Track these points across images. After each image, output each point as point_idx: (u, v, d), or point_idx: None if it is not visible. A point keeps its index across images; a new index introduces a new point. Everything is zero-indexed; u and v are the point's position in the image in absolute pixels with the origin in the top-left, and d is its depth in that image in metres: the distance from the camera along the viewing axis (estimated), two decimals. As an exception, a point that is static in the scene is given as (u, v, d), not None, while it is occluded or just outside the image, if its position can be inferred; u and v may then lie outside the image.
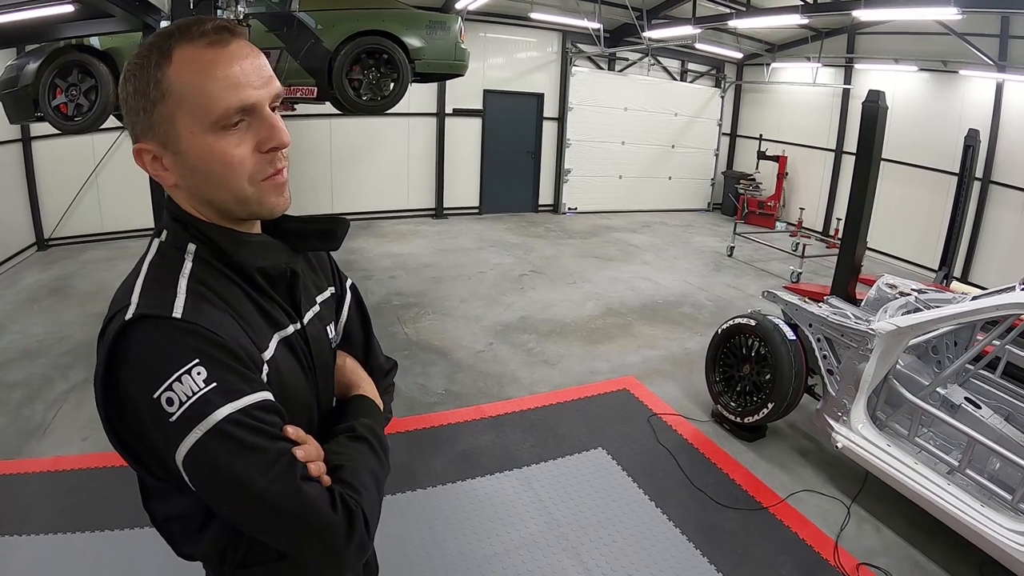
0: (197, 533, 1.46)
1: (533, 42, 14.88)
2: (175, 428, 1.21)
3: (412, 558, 4.08)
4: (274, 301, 1.49)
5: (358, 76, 7.44)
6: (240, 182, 1.35)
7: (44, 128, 8.39)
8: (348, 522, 1.30)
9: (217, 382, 1.23)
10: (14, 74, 6.81)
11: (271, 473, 1.23)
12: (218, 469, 1.22)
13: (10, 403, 6.07)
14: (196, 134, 1.31)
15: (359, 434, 1.52)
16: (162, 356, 1.23)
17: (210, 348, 1.25)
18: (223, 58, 1.31)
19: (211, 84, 1.29)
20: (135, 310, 1.27)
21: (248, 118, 1.34)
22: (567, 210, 15.86)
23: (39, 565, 4.03)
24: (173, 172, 1.37)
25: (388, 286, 9.66)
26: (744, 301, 9.25)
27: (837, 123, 14.44)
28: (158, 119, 1.31)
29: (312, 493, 1.27)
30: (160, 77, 1.29)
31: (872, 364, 4.52)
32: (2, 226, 10.45)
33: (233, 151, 1.33)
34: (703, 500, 4.67)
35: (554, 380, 6.73)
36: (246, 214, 1.43)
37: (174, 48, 1.30)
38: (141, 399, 1.23)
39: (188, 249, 1.40)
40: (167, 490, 1.43)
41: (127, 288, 1.34)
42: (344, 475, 1.38)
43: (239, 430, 1.22)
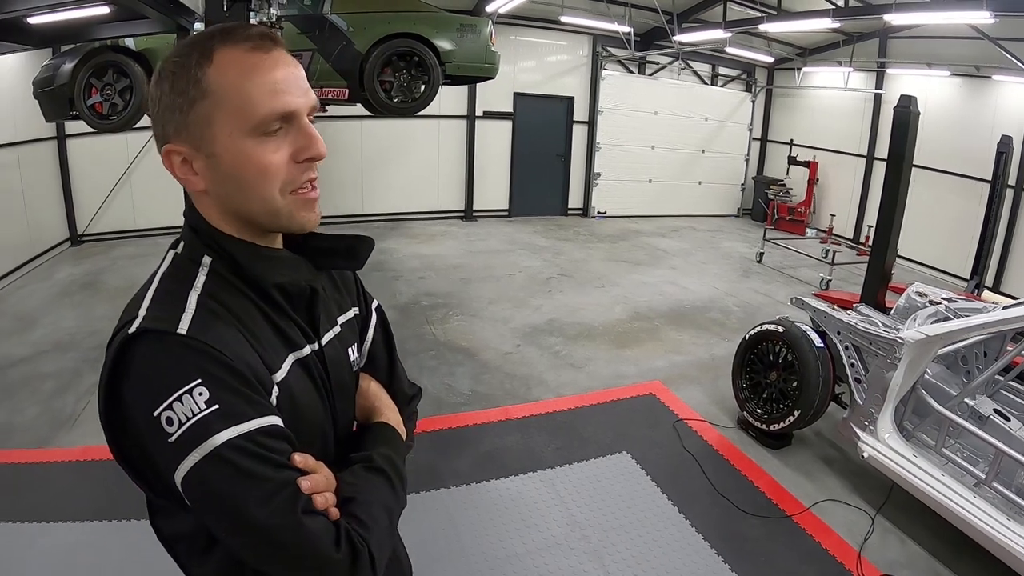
0: (202, 554, 1.41)
1: (563, 45, 14.90)
2: (173, 449, 1.17)
3: (434, 557, 4.11)
4: (291, 320, 1.44)
5: (389, 78, 7.47)
6: (272, 191, 1.32)
7: (78, 127, 8.52)
8: (352, 560, 1.24)
9: (219, 404, 1.18)
10: (50, 73, 6.96)
11: (271, 504, 1.18)
12: (215, 496, 1.18)
13: (42, 393, 6.22)
14: (234, 137, 1.27)
15: (376, 465, 1.45)
16: (163, 373, 1.20)
17: (214, 368, 1.21)
18: (266, 63, 1.29)
19: (253, 88, 1.27)
20: (140, 323, 1.23)
21: (286, 126, 1.31)
22: (596, 214, 15.84)
23: (66, 552, 4.12)
24: (204, 177, 1.33)
25: (417, 287, 9.72)
26: (773, 308, 9.21)
27: (869, 128, 14.28)
28: (194, 119, 1.28)
29: (313, 528, 1.21)
30: (200, 76, 1.27)
31: (900, 373, 4.48)
32: (37, 222, 10.65)
33: (270, 157, 1.29)
34: (727, 507, 4.66)
35: (580, 383, 6.74)
36: (275, 227, 1.40)
37: (216, 49, 1.27)
38: (141, 416, 1.20)
39: (203, 262, 1.36)
40: (172, 508, 1.38)
41: (137, 300, 1.31)
42: (354, 508, 1.32)
43: (239, 456, 1.17)
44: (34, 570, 3.96)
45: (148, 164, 12.16)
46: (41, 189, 11.01)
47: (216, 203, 1.37)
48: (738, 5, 12.47)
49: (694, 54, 15.40)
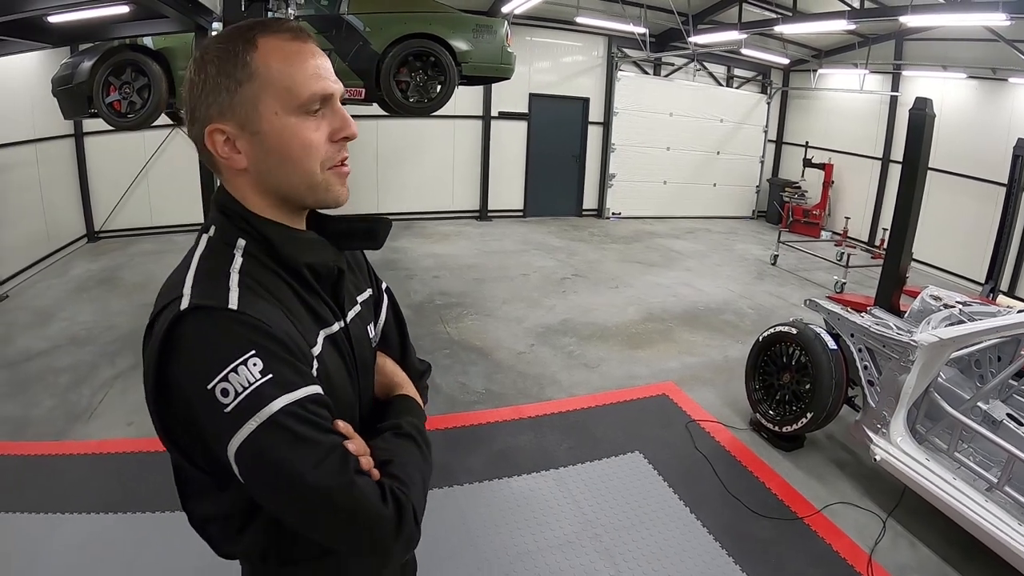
0: (237, 533, 1.48)
1: (579, 46, 14.93)
2: (229, 419, 1.21)
3: (447, 553, 4.15)
4: (320, 298, 1.50)
5: (405, 78, 7.54)
6: (314, 165, 1.41)
7: (96, 124, 8.61)
8: (398, 516, 1.31)
9: (273, 374, 1.23)
10: (69, 72, 7.05)
11: (324, 466, 1.23)
12: (272, 461, 1.22)
13: (58, 387, 6.30)
14: (280, 115, 1.36)
15: (405, 431, 1.53)
16: (218, 347, 1.24)
17: (265, 340, 1.26)
18: (306, 51, 1.39)
19: (297, 71, 1.37)
20: (190, 301, 1.27)
21: (324, 108, 1.41)
22: (611, 215, 15.86)
23: (81, 543, 4.17)
24: (247, 154, 1.40)
25: (431, 286, 9.76)
26: (787, 310, 9.20)
27: (884, 131, 14.23)
28: (240, 100, 1.36)
29: (364, 487, 1.27)
30: (248, 60, 1.35)
31: (913, 376, 4.48)
32: (54, 218, 10.78)
33: (312, 135, 1.39)
34: (738, 508, 4.67)
35: (593, 383, 6.76)
36: (311, 200, 1.47)
37: (258, 36, 1.37)
38: (194, 390, 1.24)
39: (238, 244, 1.41)
40: (207, 488, 1.44)
41: (177, 281, 1.35)
42: (392, 469, 1.38)
43: (293, 422, 1.23)
44: (49, 561, 4.01)
45: (165, 162, 12.31)
46: (59, 186, 11.14)
47: (254, 181, 1.44)
48: (753, 6, 12.47)
49: (709, 55, 15.39)
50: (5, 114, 9.28)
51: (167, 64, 7.12)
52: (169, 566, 3.99)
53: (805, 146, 15.39)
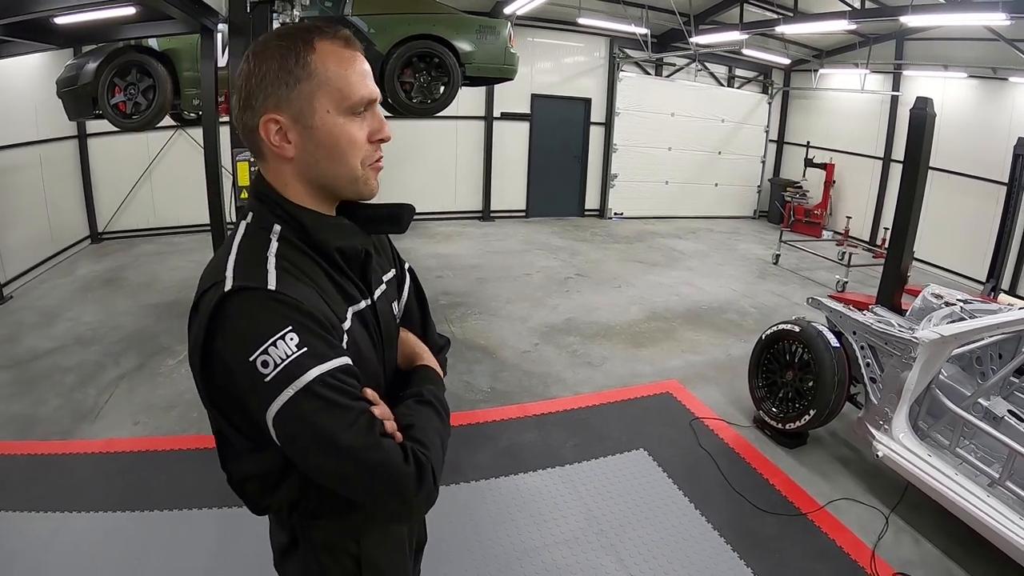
0: (273, 489, 1.63)
1: (581, 47, 14.96)
2: (269, 387, 1.36)
3: (454, 548, 4.18)
4: (349, 278, 1.65)
5: (409, 79, 7.55)
6: (356, 160, 1.57)
7: (100, 126, 8.65)
8: (419, 474, 1.44)
9: (308, 347, 1.37)
10: (74, 73, 7.10)
11: (354, 429, 1.38)
12: (307, 424, 1.36)
13: (63, 386, 6.34)
14: (332, 113, 1.52)
15: (426, 399, 1.68)
16: (259, 323, 1.38)
17: (301, 317, 1.40)
18: (357, 58, 1.56)
19: (352, 76, 1.53)
20: (233, 282, 1.42)
21: (367, 111, 1.57)
22: (613, 215, 15.89)
23: (88, 542, 4.19)
24: (296, 145, 1.54)
25: (435, 286, 9.79)
26: (789, 309, 9.24)
27: (885, 130, 14.26)
28: (298, 95, 1.50)
29: (389, 446, 1.41)
30: (309, 59, 1.50)
31: (915, 373, 4.51)
32: (58, 219, 10.82)
33: (357, 133, 1.56)
34: (742, 504, 4.70)
35: (598, 381, 6.80)
36: (349, 191, 1.64)
37: (315, 40, 1.51)
38: (237, 362, 1.39)
39: (273, 230, 1.56)
40: (245, 451, 1.60)
41: (219, 264, 1.49)
42: (414, 433, 1.53)
43: (326, 390, 1.37)
44: (55, 559, 4.03)
45: (168, 164, 12.34)
46: (62, 187, 11.18)
47: (298, 171, 1.59)
48: (755, 7, 12.51)
49: (711, 56, 15.43)
50: (9, 116, 9.31)
51: (172, 65, 7.17)
52: (176, 564, 4.02)
53: (806, 146, 15.42)
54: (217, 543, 4.10)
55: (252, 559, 1.73)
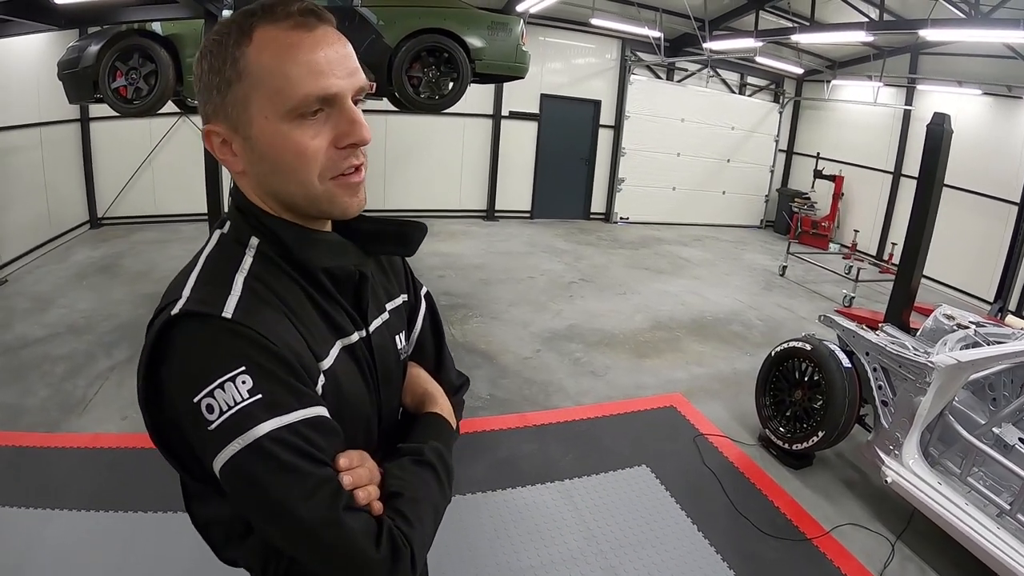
0: (240, 539, 1.39)
1: (592, 48, 14.86)
2: (212, 437, 1.15)
3: (446, 566, 4.05)
4: (339, 305, 1.41)
5: (418, 74, 7.48)
6: (310, 176, 1.27)
7: (102, 110, 8.59)
8: (392, 559, 1.21)
9: (263, 394, 1.15)
10: (75, 55, 7.05)
11: (312, 501, 1.15)
12: (253, 487, 1.15)
13: (53, 376, 6.26)
14: (270, 120, 1.24)
15: (426, 459, 1.42)
16: (205, 359, 1.17)
17: (258, 355, 1.18)
18: (307, 42, 1.23)
19: (292, 68, 1.22)
20: (183, 305, 1.20)
21: (328, 109, 1.26)
22: (619, 219, 15.78)
23: (71, 540, 4.11)
24: (242, 158, 1.31)
25: (436, 285, 9.70)
26: (795, 323, 9.13)
27: (896, 145, 14.09)
28: (232, 100, 1.25)
29: (353, 526, 1.18)
30: (238, 56, 1.23)
31: (929, 398, 4.40)
32: (57, 203, 10.78)
33: (308, 142, 1.25)
34: (746, 526, 4.59)
35: (600, 392, 6.70)
36: (315, 212, 1.36)
37: (256, 27, 1.23)
38: (181, 401, 1.17)
39: (250, 243, 1.33)
40: (207, 493, 1.36)
41: (181, 280, 1.28)
42: (400, 504, 1.29)
43: (281, 449, 1.14)
44: (39, 557, 3.96)
45: (171, 150, 12.33)
46: (62, 170, 11.14)
47: (255, 185, 1.34)
48: (770, 14, 12.42)
49: (723, 62, 15.30)
50: (10, 97, 9.25)
51: (175, 51, 7.07)
52: (159, 568, 3.94)
53: (816, 157, 15.21)
54: (201, 549, 3.95)
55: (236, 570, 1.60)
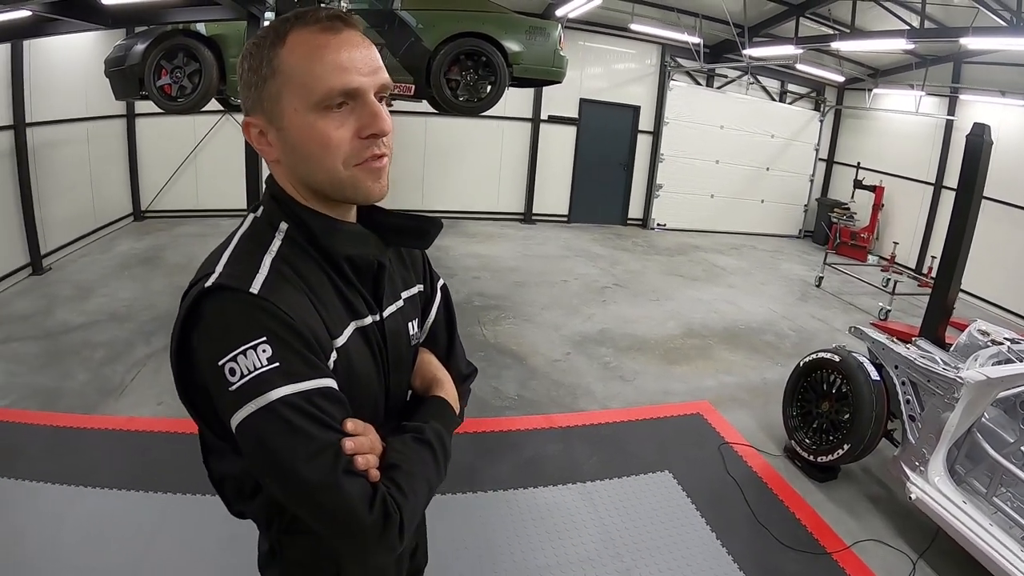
0: (249, 496, 1.55)
1: (632, 53, 14.83)
2: (232, 397, 1.27)
3: (464, 561, 4.12)
4: (356, 290, 1.53)
5: (456, 76, 7.59)
6: (335, 163, 1.40)
7: (147, 106, 8.79)
8: (383, 524, 1.32)
9: (280, 362, 1.28)
10: (122, 53, 7.24)
11: (315, 462, 1.27)
12: (264, 445, 1.27)
13: (92, 361, 6.48)
14: (299, 112, 1.37)
15: (426, 438, 1.53)
16: (232, 327, 1.30)
17: (278, 327, 1.30)
18: (333, 43, 1.37)
19: (318, 66, 1.36)
20: (216, 279, 1.33)
21: (352, 103, 1.39)
22: (656, 226, 15.72)
23: (103, 518, 4.26)
24: (276, 147, 1.45)
25: (471, 286, 9.79)
26: (829, 335, 9.03)
27: (938, 156, 13.80)
28: (266, 95, 1.40)
29: (349, 488, 1.29)
30: (272, 56, 1.38)
31: (957, 414, 4.33)
32: (102, 195, 11.07)
33: (332, 132, 1.38)
34: (766, 537, 4.55)
35: (628, 396, 6.69)
36: (340, 197, 1.48)
37: (289, 31, 1.38)
38: (207, 363, 1.31)
39: (280, 228, 1.47)
40: (225, 450, 1.50)
41: (214, 257, 1.41)
42: (396, 475, 1.40)
43: (291, 412, 1.26)
44: (69, 532, 4.11)
45: (214, 147, 12.59)
46: (108, 164, 11.44)
47: (287, 172, 1.48)
48: (811, 21, 12.34)
49: (763, 69, 15.21)
50: (59, 91, 9.53)
51: (219, 51, 7.24)
52: (186, 548, 4.07)
53: (856, 167, 15.00)
54: (227, 532, 4.02)
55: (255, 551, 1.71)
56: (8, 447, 5.00)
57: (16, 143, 8.64)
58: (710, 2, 12.43)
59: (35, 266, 9.01)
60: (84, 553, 3.94)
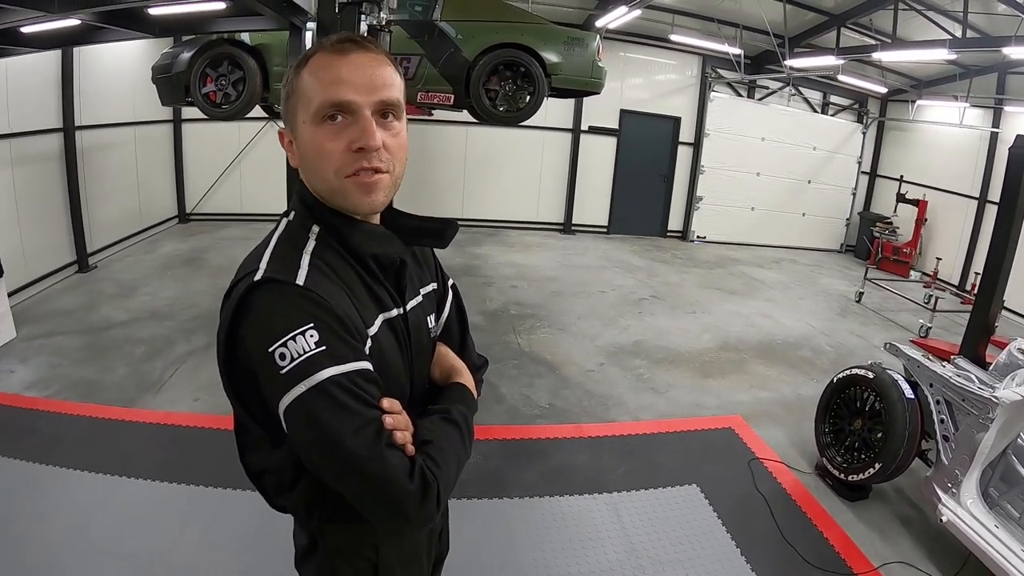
0: (288, 488, 1.67)
1: (672, 64, 14.81)
2: (283, 380, 1.39)
3: (486, 565, 4.14)
4: (382, 285, 1.68)
5: (495, 87, 7.64)
6: (327, 172, 1.55)
7: (193, 112, 8.94)
8: (422, 491, 1.44)
9: (326, 346, 1.40)
10: (169, 61, 7.43)
11: (359, 435, 1.39)
12: (314, 422, 1.38)
13: (133, 357, 6.71)
14: (305, 124, 1.55)
15: (452, 417, 1.67)
16: (281, 316, 1.42)
17: (324, 315, 1.43)
18: (336, 62, 1.53)
19: (318, 81, 1.52)
20: (263, 274, 1.47)
21: (349, 117, 1.53)
22: (695, 238, 15.63)
23: (136, 507, 4.42)
24: (296, 156, 1.63)
25: (508, 295, 9.84)
26: (867, 352, 8.88)
27: (982, 169, 13.46)
28: (289, 109, 1.60)
29: (392, 460, 1.41)
30: (296, 76, 1.57)
31: (991, 435, 4.25)
32: (148, 197, 11.42)
33: (327, 143, 1.53)
34: (791, 556, 4.47)
35: (659, 408, 6.67)
36: (336, 205, 1.62)
37: (312, 55, 1.57)
38: (257, 351, 1.43)
39: (312, 229, 1.61)
40: (263, 443, 1.65)
41: (255, 256, 1.55)
42: (430, 449, 1.52)
43: (338, 391, 1.39)
44: (100, 519, 4.28)
45: (258, 153, 12.84)
46: (155, 167, 11.78)
47: (304, 178, 1.66)
48: (852, 31, 12.21)
49: (805, 80, 15.08)
50: (108, 97, 9.81)
51: (263, 60, 7.39)
52: (215, 540, 4.18)
53: (899, 180, 14.70)
54: (256, 526, 4.19)
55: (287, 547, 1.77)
56: (48, 436, 5.22)
57: (65, 146, 8.93)
58: (750, 12, 12.34)
59: (81, 264, 9.33)
60: (117, 540, 4.10)
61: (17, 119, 8.03)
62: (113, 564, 3.92)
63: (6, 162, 7.92)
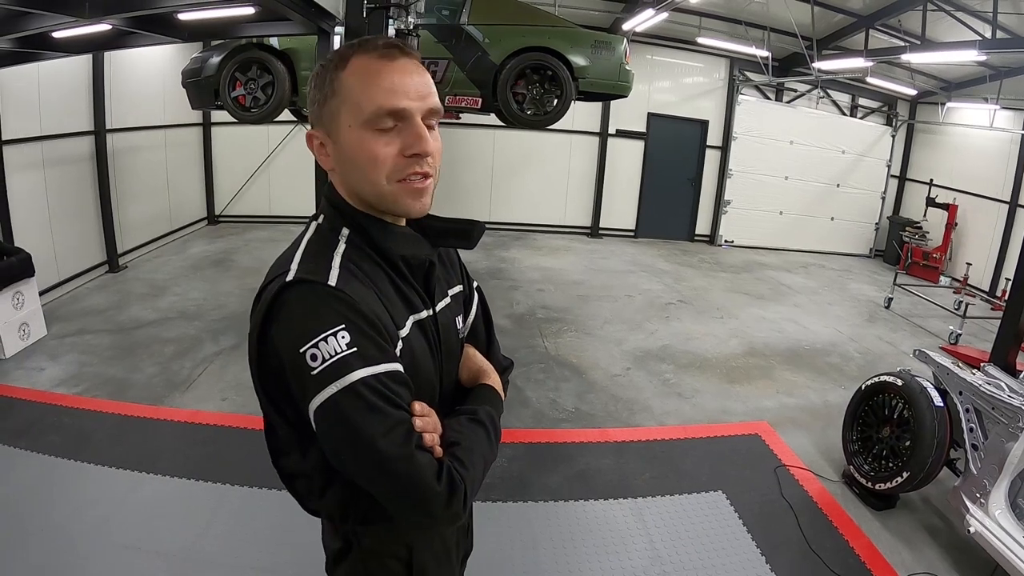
0: (320, 492, 1.67)
1: (699, 67, 14.75)
2: (314, 381, 1.40)
3: (508, 567, 4.16)
4: (412, 287, 1.69)
5: (522, 90, 7.67)
6: (379, 177, 1.55)
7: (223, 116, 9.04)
8: (449, 493, 1.45)
9: (357, 347, 1.41)
10: (199, 65, 7.56)
11: (389, 436, 1.39)
12: (344, 423, 1.39)
13: (162, 356, 6.82)
14: (352, 128, 1.53)
15: (480, 418, 1.68)
16: (313, 316, 1.43)
17: (355, 316, 1.44)
18: (386, 69, 1.53)
19: (370, 88, 1.52)
20: (295, 275, 1.48)
21: (400, 124, 1.54)
22: (723, 242, 15.56)
23: (161, 503, 4.51)
24: (332, 158, 1.62)
25: (535, 298, 9.86)
26: (895, 358, 8.80)
27: (1014, 172, 13.20)
28: (327, 112, 1.57)
29: (422, 461, 1.42)
30: (334, 78, 1.55)
31: (1021, 445, 4.19)
32: (178, 199, 11.63)
33: (380, 149, 1.53)
34: (816, 564, 4.43)
35: (685, 414, 6.65)
36: (383, 208, 1.63)
37: (352, 56, 1.55)
38: (288, 352, 1.44)
39: (342, 232, 1.62)
40: (294, 447, 1.65)
41: (286, 258, 1.56)
42: (457, 451, 1.53)
43: (369, 392, 1.40)
44: (126, 515, 4.38)
45: (287, 156, 12.98)
46: (184, 169, 11.98)
47: (342, 182, 1.65)
48: (880, 33, 12.09)
49: (833, 83, 14.94)
50: (139, 101, 9.98)
51: (291, 64, 7.48)
52: (240, 537, 4.24)
53: (929, 184, 14.58)
54: (280, 525, 4.26)
55: (311, 547, 1.82)
56: (77, 432, 5.34)
57: (96, 148, 9.08)
58: (778, 15, 12.23)
59: (111, 264, 9.51)
60: (142, 536, 4.18)
61: (49, 122, 8.19)
62: (139, 559, 3.99)
63: (38, 164, 8.08)
